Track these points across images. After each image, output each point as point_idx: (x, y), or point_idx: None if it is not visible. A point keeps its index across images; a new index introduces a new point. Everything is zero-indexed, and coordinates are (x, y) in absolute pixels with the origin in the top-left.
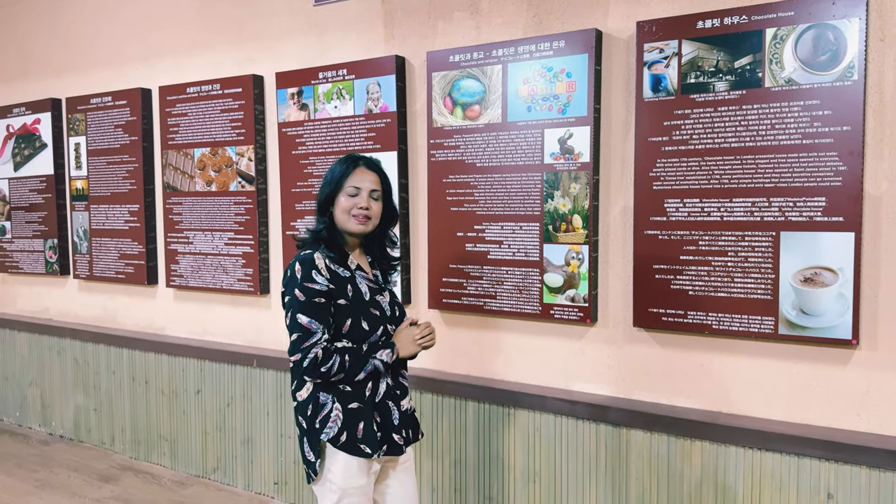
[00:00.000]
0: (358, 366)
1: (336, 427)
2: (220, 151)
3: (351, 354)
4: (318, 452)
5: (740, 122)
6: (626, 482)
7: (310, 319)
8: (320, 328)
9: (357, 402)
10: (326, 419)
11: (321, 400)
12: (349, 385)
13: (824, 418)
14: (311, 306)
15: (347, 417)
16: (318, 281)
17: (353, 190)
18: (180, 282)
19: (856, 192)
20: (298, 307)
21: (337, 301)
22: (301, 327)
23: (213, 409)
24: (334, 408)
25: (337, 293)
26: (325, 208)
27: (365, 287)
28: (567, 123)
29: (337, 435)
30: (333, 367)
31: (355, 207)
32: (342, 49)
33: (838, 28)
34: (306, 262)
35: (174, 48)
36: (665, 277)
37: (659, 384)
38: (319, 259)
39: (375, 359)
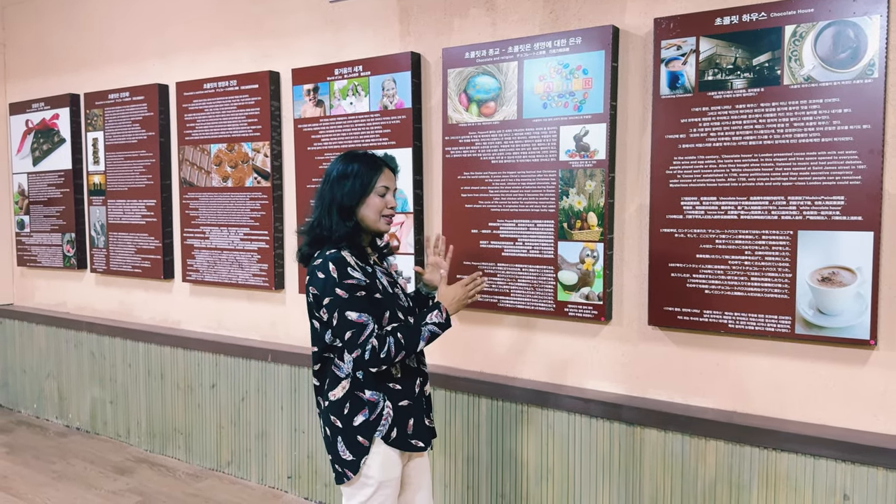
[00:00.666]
0: (414, 337)
1: (388, 425)
2: (237, 147)
3: (402, 330)
4: (359, 450)
5: (758, 120)
6: (639, 481)
7: (359, 314)
8: (370, 319)
9: (407, 400)
10: (379, 417)
11: (371, 398)
12: (398, 383)
13: (841, 419)
14: (357, 301)
15: (398, 414)
16: (355, 276)
17: (382, 190)
18: (196, 277)
19: (875, 192)
20: (345, 305)
21: (374, 294)
22: (352, 323)
23: (228, 403)
24: (385, 406)
25: (372, 286)
26: (350, 209)
27: (385, 280)
28: (583, 120)
29: (388, 432)
30: (391, 349)
31: (386, 208)
32: (358, 45)
33: (859, 25)
34: (338, 262)
35: (191, 44)
36: (681, 276)
37: (674, 383)
38: (349, 256)
39: (427, 325)
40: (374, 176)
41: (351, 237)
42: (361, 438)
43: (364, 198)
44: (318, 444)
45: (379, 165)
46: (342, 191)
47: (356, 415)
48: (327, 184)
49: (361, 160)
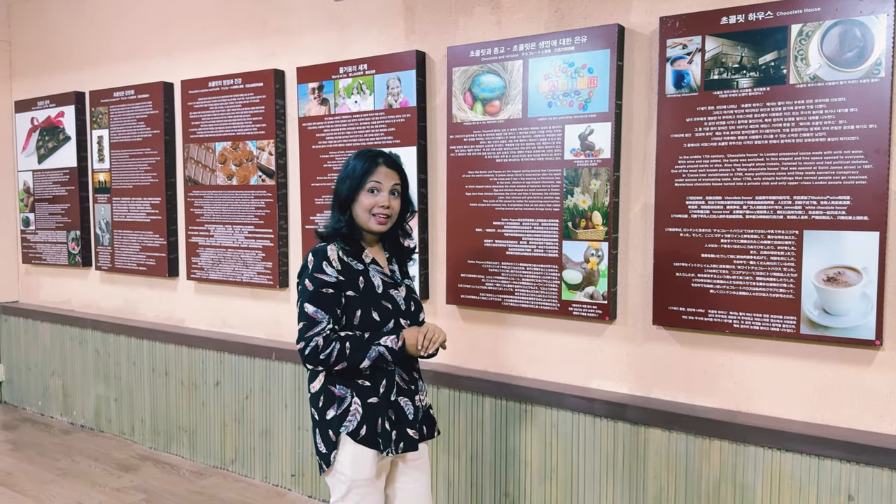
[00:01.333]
0: (360, 352)
1: (356, 421)
2: (241, 145)
3: (352, 341)
4: (330, 444)
5: (764, 119)
6: (643, 480)
7: (315, 309)
8: (326, 318)
9: (376, 398)
10: (346, 413)
11: (339, 393)
12: (367, 380)
13: (846, 419)
14: (319, 296)
15: (367, 411)
16: (328, 272)
17: (374, 185)
18: (201, 274)
19: (881, 191)
20: (307, 296)
21: (346, 292)
22: (307, 316)
23: (232, 400)
24: (353, 402)
25: (347, 284)
26: (345, 205)
27: (378, 280)
28: (588, 119)
29: (357, 428)
30: (333, 353)
31: (376, 206)
32: (363, 44)
33: (865, 24)
34: (318, 254)
35: (196, 42)
36: (686, 275)
37: (678, 382)
38: (332, 251)
39: (380, 345)
40: (367, 173)
41: (345, 232)
42: (331, 432)
43: (356, 194)
44: None
45: (372, 161)
46: (340, 186)
47: (328, 408)
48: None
49: (359, 156)
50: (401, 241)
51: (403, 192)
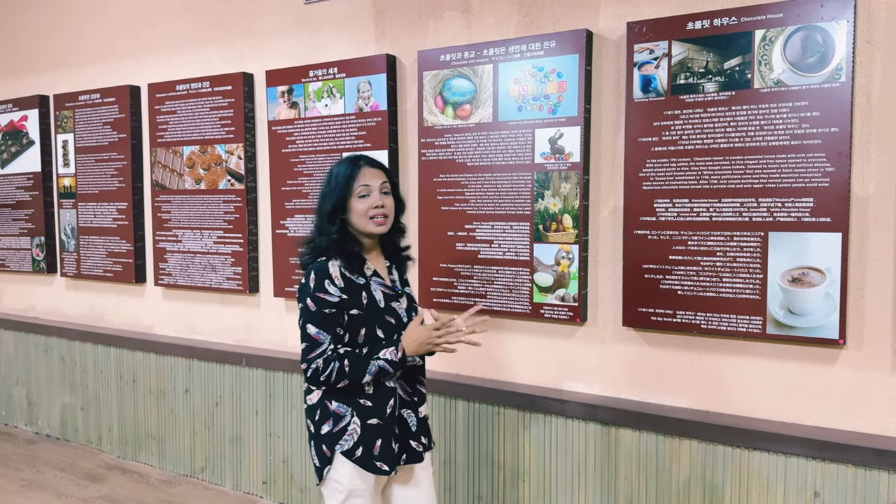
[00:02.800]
0: (360, 369)
1: (352, 441)
2: (210, 149)
3: (350, 358)
4: (324, 459)
5: (729, 123)
6: (614, 481)
7: (318, 330)
8: (327, 339)
9: (377, 419)
10: (343, 431)
11: (338, 410)
12: (369, 400)
13: (811, 417)
14: (321, 317)
15: (365, 433)
16: (331, 291)
17: (363, 190)
18: (169, 280)
19: (843, 193)
20: (308, 317)
21: (350, 311)
22: (309, 337)
23: (202, 407)
24: (353, 421)
25: (350, 303)
26: (333, 216)
27: (380, 294)
28: (557, 123)
29: (352, 449)
30: (332, 374)
31: (371, 208)
32: (333, 47)
33: (826, 30)
34: (320, 271)
35: (164, 45)
36: (654, 277)
37: (648, 383)
38: (334, 267)
39: (379, 359)
40: (351, 177)
41: (339, 245)
42: (325, 448)
43: (347, 202)
44: (293, 448)
45: (354, 165)
46: (323, 197)
47: (323, 423)
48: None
49: (340, 163)
50: (397, 240)
51: (393, 190)
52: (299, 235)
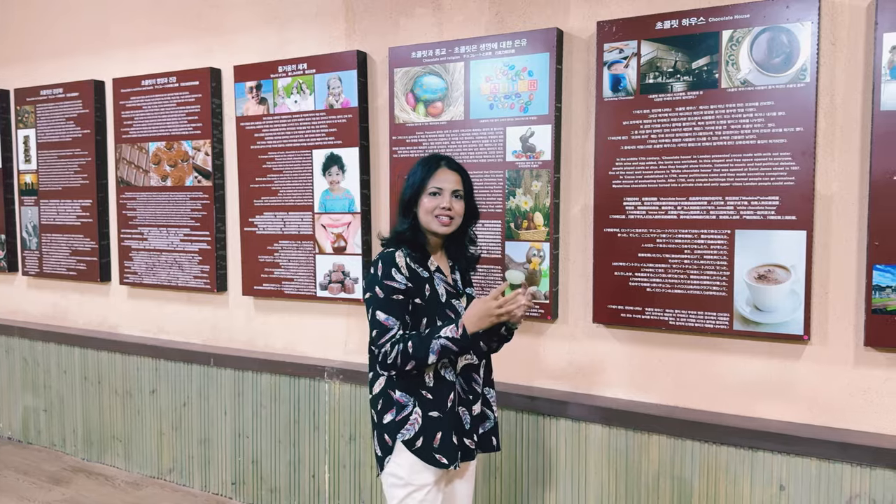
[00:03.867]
0: (423, 349)
1: (413, 431)
2: (176, 146)
3: (413, 339)
4: (386, 448)
5: (697, 123)
6: (584, 476)
7: (387, 316)
8: (396, 324)
9: (437, 412)
10: (405, 420)
11: (401, 399)
12: (430, 392)
13: (777, 412)
14: (389, 303)
15: (426, 424)
16: (397, 279)
17: (435, 190)
18: (134, 279)
19: (808, 192)
20: (377, 304)
21: (414, 300)
22: (379, 323)
23: (169, 408)
24: (414, 412)
25: (414, 292)
26: (408, 209)
27: (442, 289)
28: (529, 122)
29: (413, 439)
30: (398, 357)
31: (438, 208)
32: (302, 43)
33: (792, 31)
34: (387, 260)
35: (129, 39)
36: (624, 274)
37: (617, 379)
38: (400, 257)
39: (440, 338)
40: (427, 176)
41: (411, 238)
42: (387, 437)
43: (419, 197)
44: (262, 449)
45: (433, 164)
46: (403, 190)
47: (386, 413)
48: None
49: (422, 161)
50: (466, 248)
51: (467, 197)
52: (268, 233)
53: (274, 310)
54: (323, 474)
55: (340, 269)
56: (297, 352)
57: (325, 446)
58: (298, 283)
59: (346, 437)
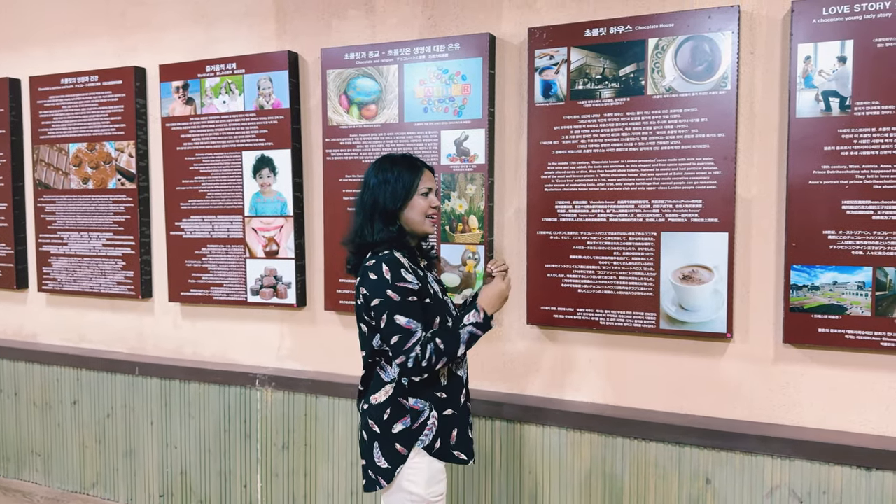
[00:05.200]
0: (454, 341)
1: (431, 434)
2: (98, 147)
3: (440, 335)
4: (397, 458)
5: (624, 128)
6: (519, 475)
7: (408, 319)
8: (419, 326)
9: (452, 409)
10: (422, 427)
11: (415, 406)
12: (444, 392)
13: (702, 408)
14: (408, 305)
15: (442, 424)
16: (409, 279)
17: (425, 190)
18: (54, 286)
19: (729, 195)
20: (395, 308)
21: (425, 300)
22: (401, 328)
23: (92, 420)
24: (431, 415)
25: (423, 291)
26: (394, 214)
27: (436, 286)
28: (463, 125)
29: (432, 442)
30: (433, 357)
31: (430, 207)
32: (231, 42)
33: (714, 41)
34: (392, 262)
35: (47, 36)
36: (556, 276)
37: (550, 379)
38: (402, 257)
39: (466, 326)
40: (416, 177)
41: (395, 241)
42: (400, 447)
43: (407, 200)
44: (191, 459)
45: (419, 166)
46: (384, 195)
47: (396, 422)
48: (367, 191)
49: (400, 163)
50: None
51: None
52: (195, 237)
53: (202, 316)
54: (255, 484)
55: (273, 273)
56: (227, 359)
57: (257, 455)
58: (228, 288)
59: (278, 446)
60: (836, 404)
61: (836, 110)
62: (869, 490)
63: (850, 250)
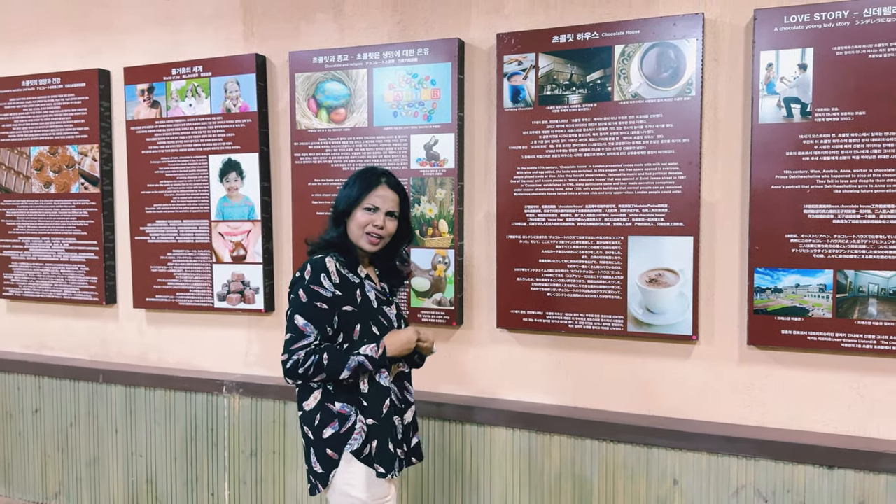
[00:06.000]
0: (339, 363)
1: (360, 440)
2: (61, 150)
3: (330, 352)
4: (329, 463)
5: (592, 134)
6: (490, 480)
7: (306, 322)
8: (314, 332)
9: (373, 419)
10: (351, 430)
11: (342, 410)
12: (365, 400)
13: (669, 409)
14: (312, 309)
15: (371, 431)
16: (325, 285)
17: (370, 206)
18: (15, 292)
19: (694, 200)
20: (298, 308)
21: (343, 308)
22: (295, 328)
23: (54, 429)
24: (358, 419)
25: (344, 300)
26: (340, 219)
27: (373, 295)
28: (432, 130)
29: (361, 447)
30: (311, 368)
31: (370, 224)
32: (198, 45)
33: (679, 47)
34: (316, 266)
35: (8, 38)
36: (526, 280)
37: (520, 382)
38: (331, 263)
39: (359, 354)
40: (366, 191)
41: (341, 245)
42: (330, 451)
43: (352, 210)
44: (157, 468)
45: (374, 179)
46: (339, 197)
47: (326, 427)
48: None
49: (363, 173)
50: (396, 264)
51: (403, 216)
52: (161, 242)
53: (168, 322)
54: (223, 492)
55: (240, 278)
56: (194, 366)
57: (225, 463)
58: (194, 293)
59: (246, 453)
60: (799, 405)
61: (798, 116)
62: (831, 488)
63: (811, 253)
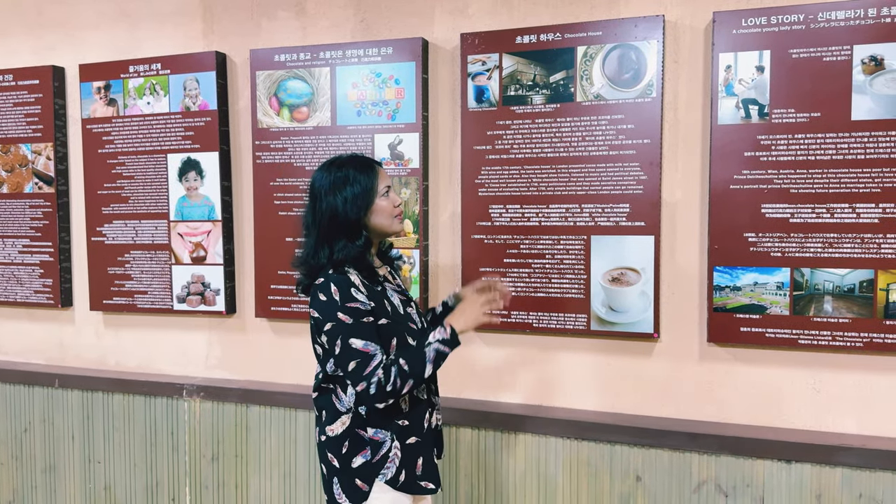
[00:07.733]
0: (419, 362)
1: (394, 467)
2: (13, 149)
3: (404, 356)
4: (358, 495)
5: (555, 134)
6: (456, 479)
7: (365, 342)
8: (378, 349)
9: (415, 437)
10: (384, 459)
11: (376, 437)
12: (406, 418)
13: (632, 406)
14: (362, 327)
15: (406, 454)
16: (360, 300)
17: (385, 189)
18: None
19: (655, 200)
20: (347, 332)
21: (379, 321)
22: (358, 352)
23: (7, 436)
24: (393, 446)
25: (378, 311)
26: (356, 228)
27: (397, 300)
28: (397, 129)
29: (395, 476)
30: (398, 380)
31: (393, 206)
32: (156, 42)
33: (640, 49)
34: (341, 283)
35: None
36: (491, 279)
37: (485, 382)
38: (354, 276)
39: (431, 344)
40: (374, 178)
41: (357, 261)
42: (360, 482)
43: (370, 206)
44: (115, 474)
45: (370, 165)
46: (345, 206)
47: (355, 455)
48: (321, 203)
49: (351, 165)
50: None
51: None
52: (118, 243)
53: (126, 325)
54: (184, 497)
55: (200, 280)
56: (153, 369)
57: (186, 468)
58: (153, 295)
59: (207, 457)
60: (758, 400)
61: (756, 117)
62: (789, 482)
63: (769, 252)
